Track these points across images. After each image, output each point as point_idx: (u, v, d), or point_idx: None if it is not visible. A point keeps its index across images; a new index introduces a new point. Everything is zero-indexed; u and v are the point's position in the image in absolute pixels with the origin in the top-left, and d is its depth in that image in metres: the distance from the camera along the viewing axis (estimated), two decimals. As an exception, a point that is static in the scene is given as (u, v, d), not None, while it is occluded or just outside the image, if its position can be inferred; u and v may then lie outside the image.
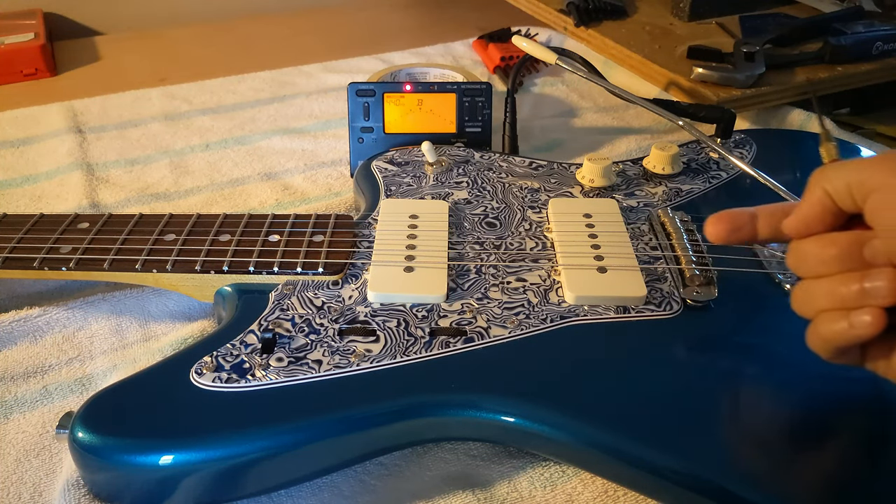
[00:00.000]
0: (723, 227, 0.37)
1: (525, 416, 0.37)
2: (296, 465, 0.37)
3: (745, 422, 0.37)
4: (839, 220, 0.34)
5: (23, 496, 0.39)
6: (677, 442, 0.36)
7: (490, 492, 0.39)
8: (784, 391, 0.39)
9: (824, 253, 0.33)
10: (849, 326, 0.32)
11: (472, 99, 0.62)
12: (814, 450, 0.36)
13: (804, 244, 0.34)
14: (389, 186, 0.54)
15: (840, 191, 0.32)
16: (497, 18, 1.01)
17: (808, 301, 0.34)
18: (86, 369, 0.46)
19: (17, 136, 0.72)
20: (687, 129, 0.58)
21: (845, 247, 0.32)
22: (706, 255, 0.46)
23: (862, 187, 0.32)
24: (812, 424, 0.37)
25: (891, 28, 0.73)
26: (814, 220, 0.34)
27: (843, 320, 0.32)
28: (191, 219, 0.49)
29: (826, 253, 0.33)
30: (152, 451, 0.35)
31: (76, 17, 0.99)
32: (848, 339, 0.32)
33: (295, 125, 0.75)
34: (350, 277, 0.45)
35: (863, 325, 0.31)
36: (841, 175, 0.32)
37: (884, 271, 0.31)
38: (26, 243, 0.46)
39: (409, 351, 0.40)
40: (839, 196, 0.33)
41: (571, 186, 0.54)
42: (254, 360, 0.39)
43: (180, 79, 0.84)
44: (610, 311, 0.43)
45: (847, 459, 0.35)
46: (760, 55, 0.69)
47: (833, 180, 0.33)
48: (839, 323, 0.32)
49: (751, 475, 0.34)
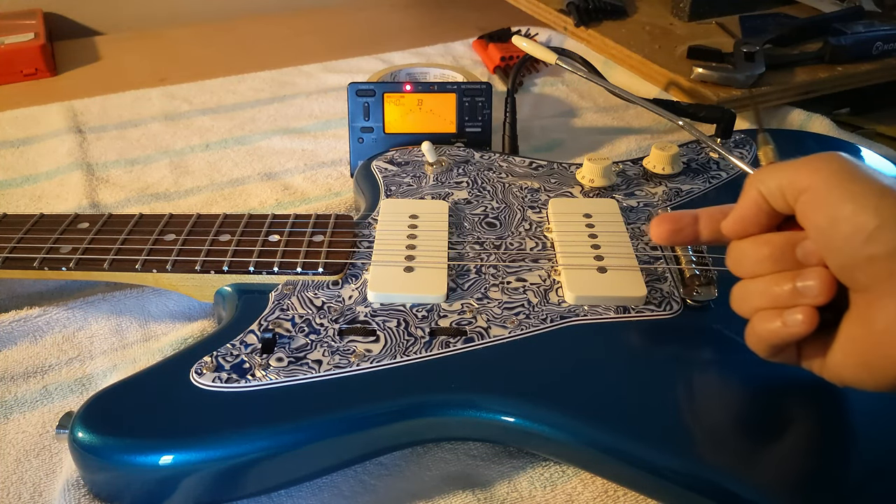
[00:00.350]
0: (665, 227, 0.38)
1: (525, 416, 0.37)
2: (296, 465, 0.37)
3: (745, 422, 0.37)
4: (774, 222, 0.34)
5: (23, 496, 0.39)
6: (677, 442, 0.36)
7: (490, 492, 0.39)
8: (784, 391, 0.39)
9: (758, 252, 0.34)
10: (782, 325, 0.33)
11: (472, 99, 0.62)
12: (814, 450, 0.36)
13: (741, 244, 0.35)
14: (389, 186, 0.54)
15: (773, 192, 0.33)
16: (497, 18, 1.01)
17: (745, 300, 0.35)
18: (86, 369, 0.46)
19: (17, 136, 0.72)
20: (687, 129, 0.58)
21: (778, 247, 0.33)
22: (706, 255, 0.46)
23: (792, 188, 0.32)
24: (812, 424, 0.37)
25: (891, 28, 0.73)
26: (749, 221, 0.35)
27: (777, 319, 0.33)
28: (191, 219, 0.49)
29: (760, 252, 0.34)
30: (152, 451, 0.35)
31: (76, 17, 0.99)
32: (782, 338, 0.33)
33: (295, 125, 0.75)
34: (350, 277, 0.45)
35: (795, 323, 0.32)
36: (773, 176, 0.33)
37: (815, 271, 0.32)
38: (26, 243, 0.46)
39: (409, 351, 0.40)
40: (772, 197, 0.33)
41: (571, 186, 0.54)
42: (254, 360, 0.39)
43: (180, 79, 0.84)
44: (610, 311, 0.43)
45: (849, 460, 0.35)
46: (760, 55, 0.69)
47: (766, 182, 0.33)
48: (773, 322, 0.33)
49: (751, 475, 0.34)
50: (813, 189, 0.31)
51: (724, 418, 0.37)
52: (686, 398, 0.38)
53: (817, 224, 0.31)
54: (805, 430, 0.37)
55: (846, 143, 0.62)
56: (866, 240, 0.29)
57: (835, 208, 0.30)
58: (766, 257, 0.34)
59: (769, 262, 0.33)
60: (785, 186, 0.32)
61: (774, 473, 0.34)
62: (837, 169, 0.31)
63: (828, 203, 0.31)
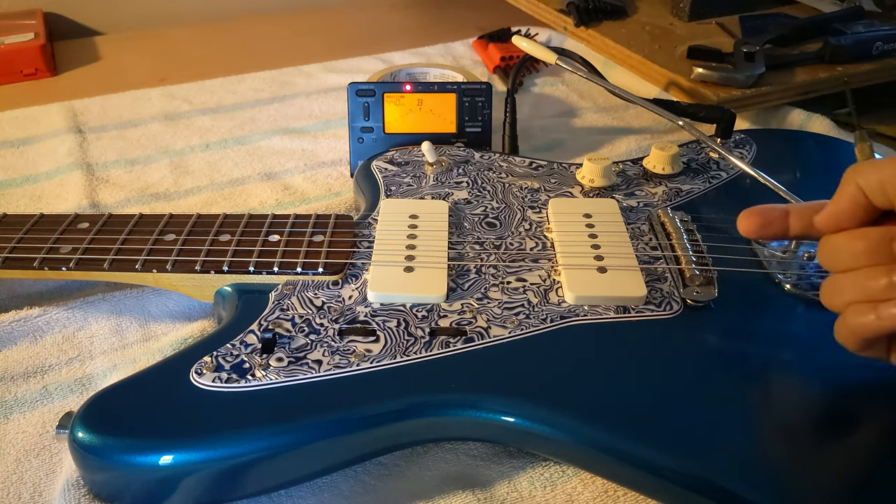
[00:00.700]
0: (754, 221, 0.38)
1: (525, 416, 0.37)
2: (296, 465, 0.37)
3: (744, 421, 0.37)
4: (870, 217, 0.34)
5: (23, 496, 0.39)
6: (677, 442, 0.36)
7: (490, 492, 0.39)
8: (784, 391, 0.39)
9: (854, 246, 0.34)
10: (876, 318, 0.33)
11: (472, 99, 0.62)
12: (814, 449, 0.36)
13: (835, 238, 0.35)
14: (389, 186, 0.54)
15: (873, 187, 0.33)
16: (497, 18, 1.01)
17: (837, 294, 0.35)
18: (86, 369, 0.46)
19: (17, 136, 0.72)
20: (687, 129, 0.58)
21: (875, 241, 0.33)
22: (706, 255, 0.46)
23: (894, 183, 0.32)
24: (812, 424, 0.37)
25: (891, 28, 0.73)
26: (845, 215, 0.35)
27: (872, 312, 0.33)
28: (191, 219, 0.49)
29: (856, 246, 0.34)
30: (152, 451, 0.35)
31: (76, 17, 0.99)
32: (875, 331, 0.33)
33: (295, 125, 0.75)
34: (350, 277, 0.45)
35: (890, 317, 0.32)
36: (875, 172, 0.33)
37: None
38: (26, 243, 0.46)
39: (409, 351, 0.40)
40: (872, 192, 0.33)
41: (571, 186, 0.54)
42: (254, 360, 0.39)
43: (180, 79, 0.84)
44: (610, 311, 0.43)
45: (847, 460, 0.35)
46: (760, 55, 0.69)
47: (867, 176, 0.33)
48: (867, 315, 0.33)
49: (751, 475, 0.34)
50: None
51: (723, 418, 0.37)
52: (686, 398, 0.38)
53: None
54: (805, 430, 0.37)
55: (846, 143, 0.62)
56: None
57: None
58: (862, 251, 0.33)
59: (865, 256, 0.33)
60: (887, 181, 0.33)
61: (774, 473, 0.34)
62: None
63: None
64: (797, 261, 0.46)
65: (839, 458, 0.35)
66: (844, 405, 0.38)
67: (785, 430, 0.37)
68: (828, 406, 0.38)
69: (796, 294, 0.44)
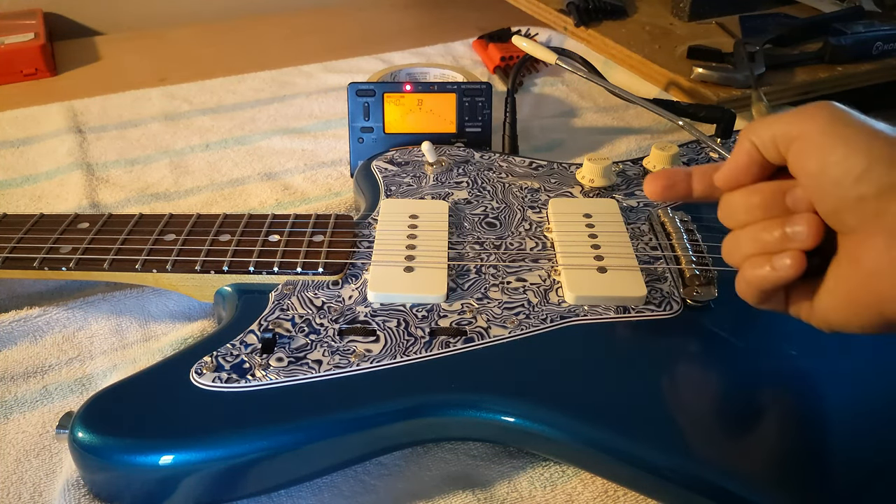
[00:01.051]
0: (659, 184, 0.39)
1: (525, 416, 0.37)
2: (296, 465, 0.37)
3: (744, 421, 0.37)
4: (766, 173, 0.35)
5: (23, 496, 0.39)
6: (677, 442, 0.36)
7: (490, 492, 0.39)
8: (784, 391, 0.39)
9: (749, 201, 0.35)
10: (771, 269, 0.34)
11: (472, 99, 0.62)
12: (814, 449, 0.36)
13: (732, 195, 0.36)
14: (389, 186, 0.54)
15: (765, 142, 0.34)
16: (497, 18, 1.01)
17: (736, 249, 0.36)
18: (86, 369, 0.46)
19: (17, 136, 0.72)
20: (687, 129, 0.58)
21: (769, 194, 0.34)
22: (706, 255, 0.46)
23: (785, 137, 0.33)
24: (812, 424, 0.37)
25: (891, 28, 0.73)
26: (741, 172, 0.35)
27: (766, 264, 0.34)
28: (191, 219, 0.49)
29: (751, 201, 0.35)
30: (152, 451, 0.35)
31: (76, 17, 0.99)
32: (771, 282, 0.34)
33: (295, 125, 0.75)
34: (350, 277, 0.45)
35: (783, 267, 0.33)
36: (767, 128, 0.34)
37: (804, 216, 0.33)
38: (26, 243, 0.46)
39: (409, 351, 0.40)
40: (765, 147, 0.34)
41: (571, 186, 0.54)
42: (254, 360, 0.39)
43: (180, 79, 0.84)
44: (610, 311, 0.43)
45: (850, 460, 0.35)
46: (760, 55, 0.69)
47: (759, 132, 0.34)
48: (763, 267, 0.34)
49: (750, 475, 0.34)
50: (805, 136, 0.32)
51: (724, 418, 0.37)
52: (686, 398, 0.38)
53: (808, 169, 0.32)
54: (806, 430, 0.37)
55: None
56: (856, 180, 0.30)
57: (826, 152, 0.31)
58: (757, 205, 0.34)
59: (759, 210, 0.34)
60: (778, 136, 0.33)
61: (774, 473, 0.34)
62: (829, 116, 0.32)
63: (819, 148, 0.32)
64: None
65: (839, 458, 0.35)
66: (844, 405, 0.38)
67: (784, 430, 0.37)
68: (827, 406, 0.38)
69: (796, 294, 0.44)
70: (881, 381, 0.39)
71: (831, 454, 0.36)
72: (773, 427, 0.37)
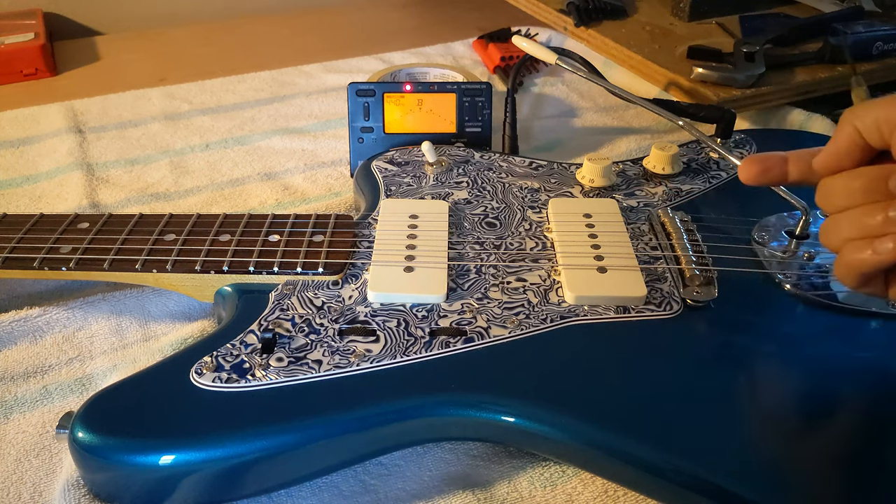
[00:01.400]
0: (754, 168, 0.39)
1: (525, 416, 0.37)
2: (295, 465, 0.37)
3: (744, 422, 0.37)
4: (867, 157, 0.35)
5: (23, 496, 0.39)
6: (677, 442, 0.36)
7: (490, 492, 0.39)
8: (784, 391, 0.39)
9: (851, 185, 0.35)
10: (872, 253, 0.33)
11: (472, 99, 0.62)
12: (814, 449, 0.36)
13: (833, 179, 0.36)
14: (389, 186, 0.54)
15: (869, 127, 0.34)
16: (497, 18, 1.01)
17: (835, 232, 0.35)
18: (86, 369, 0.46)
19: (17, 136, 0.72)
20: (687, 129, 0.58)
21: (871, 178, 0.34)
22: (706, 255, 0.46)
23: (889, 122, 0.33)
24: (812, 424, 0.37)
25: (891, 28, 0.73)
26: (843, 156, 0.35)
27: (868, 248, 0.34)
28: (191, 219, 0.49)
29: (852, 185, 0.34)
30: (152, 451, 0.35)
31: (76, 17, 0.99)
32: (871, 266, 0.34)
33: (295, 125, 0.75)
34: (350, 277, 0.45)
35: (886, 251, 0.33)
36: (870, 112, 0.34)
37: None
38: (26, 243, 0.46)
39: (409, 351, 0.40)
40: (868, 132, 0.34)
41: (571, 186, 0.54)
42: (254, 360, 0.39)
43: (180, 79, 0.84)
44: (610, 311, 0.43)
45: (847, 460, 0.35)
46: (760, 55, 0.69)
47: (862, 117, 0.34)
48: (864, 251, 0.34)
49: (751, 475, 0.34)
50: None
51: (724, 418, 0.37)
52: (686, 398, 0.38)
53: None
54: (805, 430, 0.37)
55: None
56: None
57: None
58: (859, 189, 0.34)
59: (861, 194, 0.34)
60: (882, 120, 0.33)
61: (774, 473, 0.34)
62: None
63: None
64: (797, 261, 0.46)
65: (839, 459, 0.35)
66: (844, 405, 0.38)
67: (784, 430, 0.37)
68: (828, 406, 0.38)
69: (796, 294, 0.44)
70: (881, 382, 0.39)
71: (831, 454, 0.36)
72: (773, 427, 0.37)
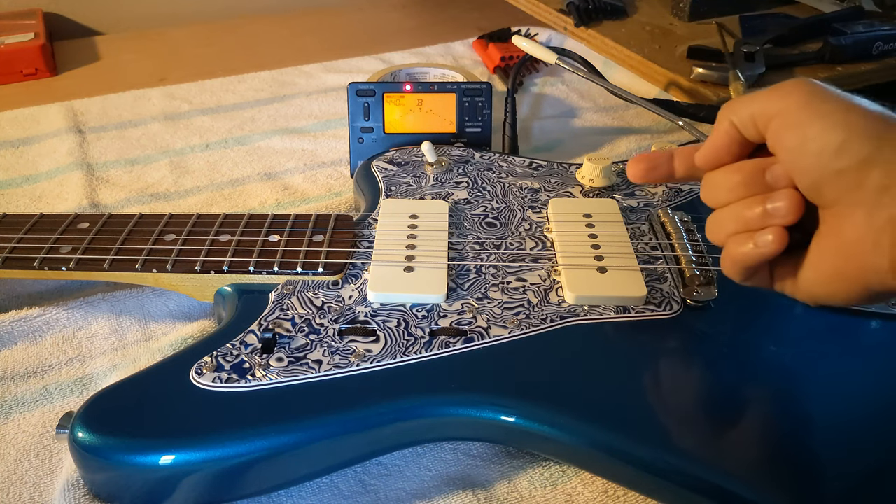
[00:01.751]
0: (641, 166, 0.39)
1: (525, 416, 0.37)
2: (295, 465, 0.37)
3: (745, 422, 0.37)
4: (745, 151, 0.36)
5: (23, 496, 0.39)
6: (677, 442, 0.36)
7: (490, 492, 0.39)
8: (784, 391, 0.39)
9: (730, 179, 0.35)
10: (754, 246, 0.34)
11: (472, 99, 0.62)
12: (814, 449, 0.36)
13: (714, 174, 0.37)
14: (389, 186, 0.54)
15: (744, 121, 0.34)
16: (497, 18, 1.01)
17: (719, 227, 0.36)
18: (86, 369, 0.46)
19: (17, 136, 0.72)
20: (687, 129, 0.58)
21: (749, 172, 0.35)
22: (706, 255, 0.46)
23: (764, 115, 0.33)
24: (812, 424, 0.37)
25: (891, 28, 0.73)
26: (722, 151, 0.36)
27: (749, 241, 0.34)
28: (191, 219, 0.49)
29: (732, 179, 0.35)
30: (152, 451, 0.35)
31: (76, 17, 0.99)
32: (754, 259, 0.35)
33: (295, 125, 0.75)
34: (350, 277, 0.45)
35: (766, 243, 0.34)
36: (745, 106, 0.34)
37: (784, 192, 0.33)
38: (26, 243, 0.46)
39: (409, 351, 0.40)
40: (744, 126, 0.35)
41: (571, 186, 0.54)
42: (254, 360, 0.39)
43: (180, 79, 0.84)
44: (610, 311, 0.43)
45: (849, 461, 0.35)
46: (760, 55, 0.69)
47: (738, 111, 0.35)
48: (746, 244, 0.34)
49: (750, 475, 0.34)
50: (784, 113, 0.33)
51: (724, 418, 0.37)
52: (686, 398, 0.38)
53: (788, 145, 0.33)
54: (805, 431, 0.37)
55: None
56: (834, 153, 0.31)
57: (805, 128, 0.32)
58: (738, 183, 0.35)
59: (741, 187, 0.35)
60: (757, 114, 0.34)
61: (774, 472, 0.34)
62: (806, 92, 0.32)
63: (798, 124, 0.32)
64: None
65: (839, 459, 0.35)
66: (844, 405, 0.38)
67: (784, 430, 0.37)
68: (828, 406, 0.38)
69: (796, 294, 0.44)
70: (881, 382, 0.39)
71: (830, 454, 0.36)
72: (773, 427, 0.37)
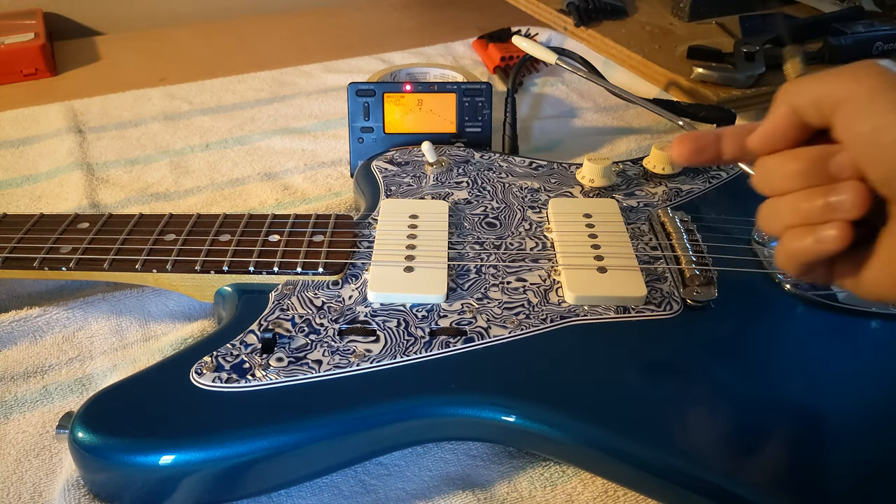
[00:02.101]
0: (687, 147, 0.36)
1: (525, 416, 0.37)
2: (296, 465, 0.37)
3: (744, 422, 0.37)
4: (804, 137, 0.33)
5: (23, 496, 0.39)
6: (677, 442, 0.36)
7: (490, 492, 0.39)
8: (784, 391, 0.39)
9: (789, 167, 0.32)
10: (814, 242, 0.31)
11: (472, 99, 0.62)
12: (814, 449, 0.36)
13: (769, 160, 0.34)
14: (389, 186, 0.54)
15: (807, 105, 0.32)
16: (497, 18, 1.01)
17: (775, 218, 0.33)
18: (86, 369, 0.46)
19: (17, 136, 0.72)
20: (687, 129, 0.58)
21: (810, 161, 0.32)
22: (706, 255, 0.46)
23: (830, 99, 0.31)
24: (812, 424, 0.37)
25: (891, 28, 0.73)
26: (779, 135, 0.33)
27: (809, 236, 0.32)
28: (191, 219, 0.49)
29: (790, 167, 0.32)
30: (152, 451, 0.35)
31: (76, 17, 0.99)
32: (814, 255, 0.32)
33: (295, 125, 0.75)
34: (350, 277, 0.45)
35: (828, 239, 0.31)
36: (808, 89, 0.32)
37: (849, 184, 0.31)
38: (26, 243, 0.46)
39: (409, 351, 0.40)
40: (805, 111, 0.32)
41: (571, 186, 0.54)
42: (254, 360, 0.39)
43: (180, 79, 0.84)
44: (610, 311, 0.43)
45: (847, 460, 0.35)
46: (760, 55, 0.69)
47: (799, 95, 0.32)
48: (805, 239, 0.32)
49: (750, 475, 0.34)
50: (854, 98, 0.30)
51: (723, 419, 0.37)
52: (686, 398, 0.38)
53: (860, 133, 0.30)
54: (805, 431, 0.37)
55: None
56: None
57: (879, 116, 0.29)
58: (797, 172, 0.32)
59: (800, 177, 0.32)
60: (822, 98, 0.31)
61: (774, 473, 0.34)
62: (880, 76, 0.30)
63: (871, 111, 0.29)
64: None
65: (839, 459, 0.35)
66: (844, 405, 0.38)
67: (784, 430, 0.37)
68: (827, 406, 0.38)
69: (796, 294, 0.44)
70: (881, 382, 0.39)
71: (831, 454, 0.36)
72: (773, 428, 0.37)
